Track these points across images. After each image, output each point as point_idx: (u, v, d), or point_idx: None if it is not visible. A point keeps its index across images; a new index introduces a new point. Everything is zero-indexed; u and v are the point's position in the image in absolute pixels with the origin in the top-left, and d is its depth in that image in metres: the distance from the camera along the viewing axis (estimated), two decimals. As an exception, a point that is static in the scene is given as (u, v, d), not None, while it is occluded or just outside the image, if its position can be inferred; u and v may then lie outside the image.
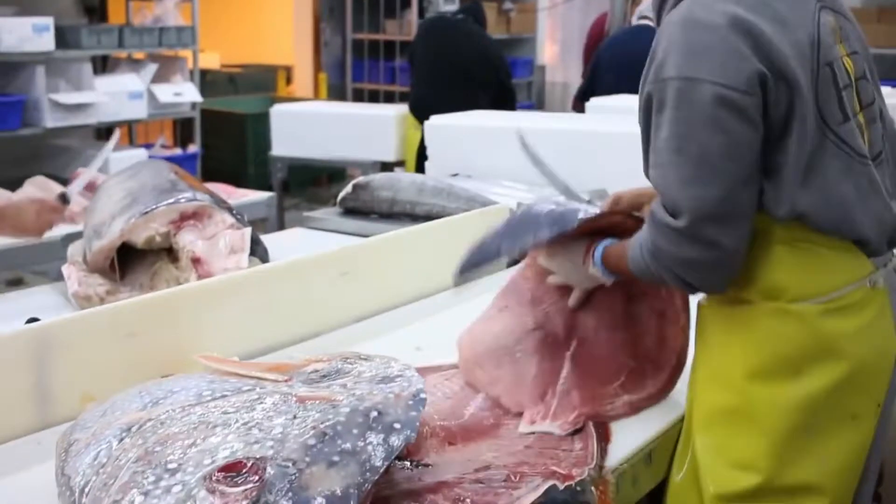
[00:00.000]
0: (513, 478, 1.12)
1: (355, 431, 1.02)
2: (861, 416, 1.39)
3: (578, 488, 1.14)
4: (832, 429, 1.38)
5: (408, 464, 1.14)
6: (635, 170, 1.86)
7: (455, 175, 3.19)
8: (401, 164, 4.75)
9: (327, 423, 1.03)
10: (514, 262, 2.14)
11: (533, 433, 1.41)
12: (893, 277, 1.42)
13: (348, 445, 1.00)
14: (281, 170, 5.01)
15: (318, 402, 1.09)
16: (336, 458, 0.98)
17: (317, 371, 1.23)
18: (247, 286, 1.78)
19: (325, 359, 1.29)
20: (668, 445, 1.47)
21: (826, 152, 1.34)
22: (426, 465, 1.14)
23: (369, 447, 1.00)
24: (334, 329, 1.89)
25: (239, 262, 1.95)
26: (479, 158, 3.20)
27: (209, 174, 5.63)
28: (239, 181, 4.22)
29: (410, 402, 1.08)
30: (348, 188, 2.84)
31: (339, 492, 0.95)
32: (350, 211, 2.85)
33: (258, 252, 2.04)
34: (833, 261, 1.37)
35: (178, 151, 6.34)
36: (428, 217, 2.62)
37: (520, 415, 1.48)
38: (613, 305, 1.74)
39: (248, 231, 2.02)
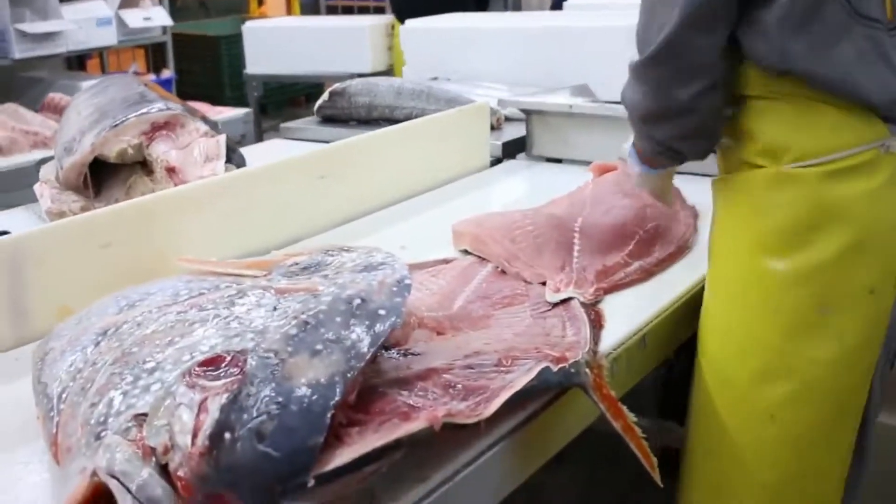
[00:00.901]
0: (504, 362, 1.08)
1: (338, 320, 0.98)
2: (879, 291, 1.33)
3: (572, 370, 1.10)
4: (849, 305, 1.32)
5: (395, 353, 1.10)
6: (615, 64, 1.83)
7: (434, 79, 3.11)
8: (379, 75, 4.65)
9: (309, 313, 0.99)
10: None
11: (531, 317, 1.37)
12: None
13: (332, 334, 0.96)
14: (256, 88, 4.91)
15: (298, 293, 1.05)
16: (319, 347, 0.94)
17: (297, 264, 1.19)
18: (224, 192, 1.72)
19: (305, 252, 1.24)
20: (663, 329, 1.44)
21: (826, 6, 1.27)
22: (415, 354, 1.10)
23: (353, 335, 0.96)
24: (316, 233, 1.84)
25: (215, 170, 1.88)
26: (458, 61, 3.13)
27: (185, 99, 5.50)
28: (216, 105, 4.13)
29: (395, 289, 1.04)
30: (325, 96, 2.78)
31: (323, 380, 0.91)
32: (328, 119, 2.79)
33: (234, 159, 1.98)
34: (837, 119, 1.30)
35: (151, 77, 6.22)
36: (408, 121, 2.56)
37: (521, 298, 1.45)
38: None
39: (222, 138, 1.95)
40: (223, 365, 0.92)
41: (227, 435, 0.86)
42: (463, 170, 2.27)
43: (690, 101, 1.35)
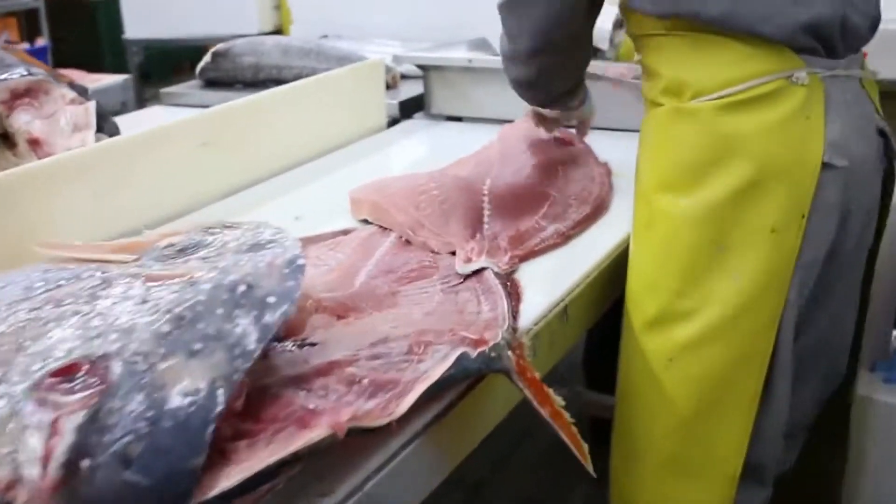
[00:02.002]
0: (416, 349, 0.95)
1: (220, 311, 0.83)
2: (781, 230, 1.24)
3: (493, 354, 0.97)
4: (748, 243, 1.24)
5: (289, 344, 0.95)
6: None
7: (324, 37, 2.94)
8: (268, 35, 4.44)
9: (185, 305, 0.83)
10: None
11: (442, 293, 1.24)
12: (846, 86, 1.27)
13: (212, 329, 0.81)
14: (137, 54, 4.64)
15: (173, 281, 0.89)
16: (198, 346, 0.79)
17: (172, 246, 1.03)
18: (94, 164, 1.54)
19: (182, 231, 1.08)
20: (585, 298, 1.32)
21: None
22: (313, 345, 0.96)
23: (238, 329, 0.81)
24: (199, 207, 1.68)
25: (84, 140, 1.70)
26: (349, 17, 2.96)
27: (62, 68, 5.21)
28: (98, 72, 3.88)
29: (286, 271, 0.89)
30: (207, 57, 2.59)
31: (203, 387, 0.76)
32: (211, 83, 2.60)
33: (106, 128, 1.79)
34: (737, 52, 1.23)
35: (25, 46, 5.87)
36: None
37: (430, 270, 1.31)
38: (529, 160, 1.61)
39: (92, 105, 1.77)
40: (80, 374, 0.76)
41: (86, 462, 0.71)
42: (358, 132, 2.12)
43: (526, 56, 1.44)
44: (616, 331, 1.41)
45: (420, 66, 2.24)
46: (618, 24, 3.12)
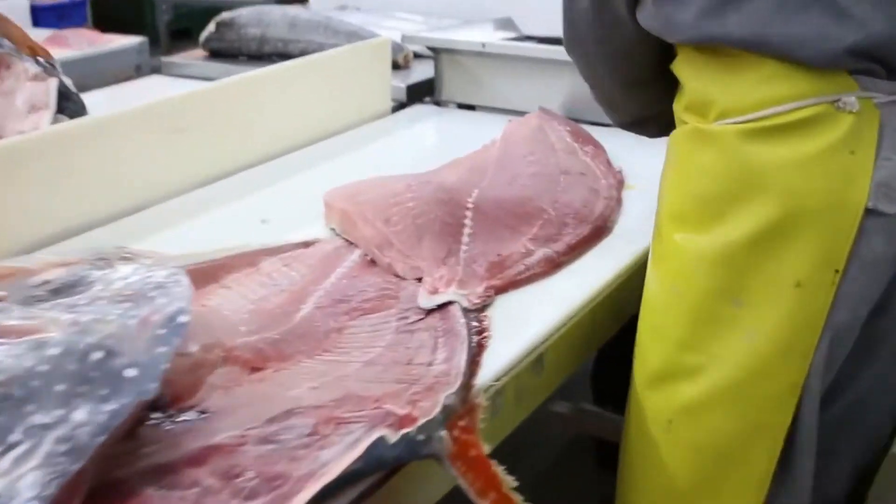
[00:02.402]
0: (323, 428, 0.78)
1: (61, 388, 0.66)
2: (808, 285, 1.02)
3: (421, 436, 0.80)
4: (767, 297, 1.04)
5: (163, 416, 0.78)
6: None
7: (343, 7, 2.76)
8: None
9: (18, 377, 0.67)
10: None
11: (391, 334, 1.06)
12: None
13: (42, 416, 0.64)
14: (167, 12, 4.50)
15: (20, 339, 0.73)
16: (17, 439, 0.63)
17: (47, 283, 0.86)
18: (43, 152, 1.38)
19: (71, 261, 0.91)
20: (565, 344, 1.14)
21: None
22: (202, 415, 0.79)
23: (76, 416, 0.65)
24: (165, 200, 1.51)
25: (39, 123, 1.55)
26: (370, -15, 2.76)
27: (103, 22, 5.08)
28: (138, 29, 3.73)
29: (161, 332, 0.73)
30: (211, 27, 2.42)
31: (26, 493, 0.60)
32: (216, 54, 2.43)
33: (69, 109, 1.63)
34: (771, 69, 1.01)
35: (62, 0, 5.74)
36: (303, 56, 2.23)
37: (388, 301, 1.14)
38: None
39: (53, 83, 1.61)
40: None
41: None
42: (358, 117, 1.94)
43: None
44: (631, 338, 1.23)
45: (431, 48, 2.05)
46: None
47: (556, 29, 2.40)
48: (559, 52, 1.90)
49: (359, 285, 1.17)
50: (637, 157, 1.56)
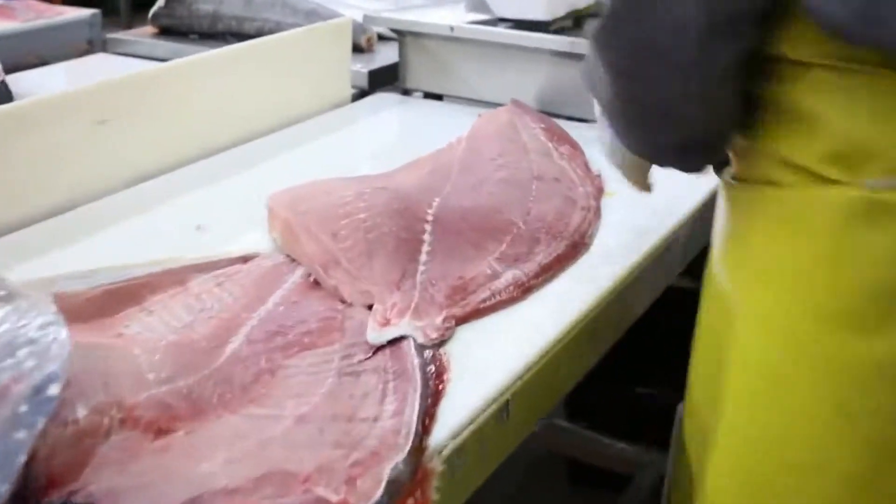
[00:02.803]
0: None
1: None
2: None
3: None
4: None
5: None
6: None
7: (305, -17, 2.58)
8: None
9: None
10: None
11: (336, 373, 0.91)
12: None
13: None
14: (127, -19, 4.30)
15: None
16: None
17: None
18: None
19: (-65, 300, 0.75)
20: (537, 387, 0.98)
21: None
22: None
23: None
24: (86, 202, 1.34)
25: (-54, 111, 1.37)
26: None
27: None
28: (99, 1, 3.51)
29: (22, 409, 0.57)
30: (160, 1, 2.23)
31: None
32: (165, 31, 2.25)
33: (-12, 94, 1.47)
34: None
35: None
36: (259, 36, 2.03)
37: (332, 334, 0.98)
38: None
39: (-33, 64, 1.44)
40: None
41: None
42: (315, 106, 1.77)
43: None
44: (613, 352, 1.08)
45: (395, 31, 1.89)
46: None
47: (532, 12, 2.25)
48: (535, 38, 1.77)
49: (299, 313, 1.01)
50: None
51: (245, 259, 1.14)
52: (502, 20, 2.10)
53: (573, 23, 2.70)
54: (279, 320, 1.00)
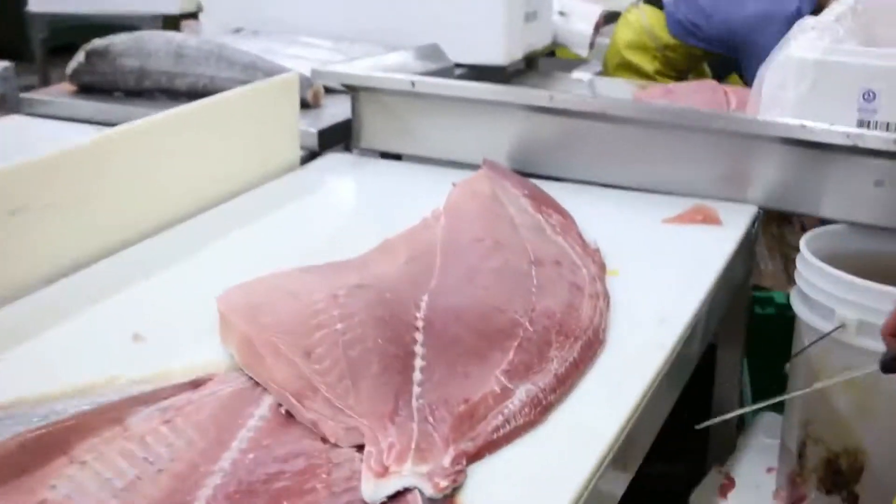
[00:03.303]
0: None
1: None
2: None
3: None
4: None
5: None
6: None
7: (238, 30, 2.37)
8: (189, 17, 3.85)
9: None
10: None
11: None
12: None
13: None
14: (42, 31, 4.04)
15: None
16: None
17: None
18: None
19: None
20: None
21: None
22: None
23: None
24: (-1, 306, 1.13)
25: None
26: (269, 6, 2.37)
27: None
28: (10, 50, 3.25)
29: None
30: (80, 56, 2.01)
31: None
32: (86, 88, 2.03)
33: None
34: None
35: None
36: (192, 93, 1.85)
37: (315, 490, 0.78)
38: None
39: None
40: None
41: None
42: (261, 173, 1.57)
43: None
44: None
45: (346, 86, 1.70)
46: (599, 26, 2.61)
47: (490, 56, 2.08)
48: (512, 92, 1.60)
49: (272, 462, 0.81)
50: (601, 222, 1.26)
51: (196, 384, 0.94)
52: (458, 65, 1.94)
53: (525, 63, 2.57)
54: (249, 474, 0.79)
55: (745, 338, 1.52)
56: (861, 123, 1.30)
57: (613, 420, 0.90)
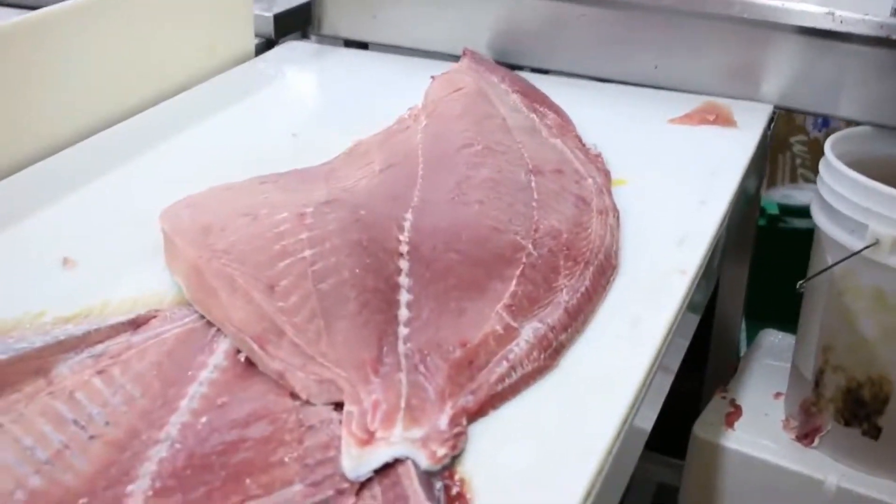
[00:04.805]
0: None
1: None
2: None
3: None
4: None
5: None
6: None
7: None
8: None
9: None
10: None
11: None
12: None
13: None
14: None
15: None
16: None
17: None
18: None
19: None
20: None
21: None
22: None
23: None
24: None
25: None
26: None
27: None
28: None
29: None
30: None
31: None
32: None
33: None
34: None
35: None
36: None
37: (284, 462, 0.64)
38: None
39: None
40: None
41: None
42: (209, 64, 1.39)
43: None
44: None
45: (304, -37, 1.50)
46: None
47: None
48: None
49: (229, 428, 0.66)
50: (599, 122, 1.12)
51: (136, 323, 0.78)
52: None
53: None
54: (201, 444, 0.64)
55: (753, 253, 1.38)
56: (895, 12, 1.14)
57: (637, 362, 0.76)
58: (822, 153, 1.12)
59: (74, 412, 0.68)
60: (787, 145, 1.85)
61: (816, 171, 1.13)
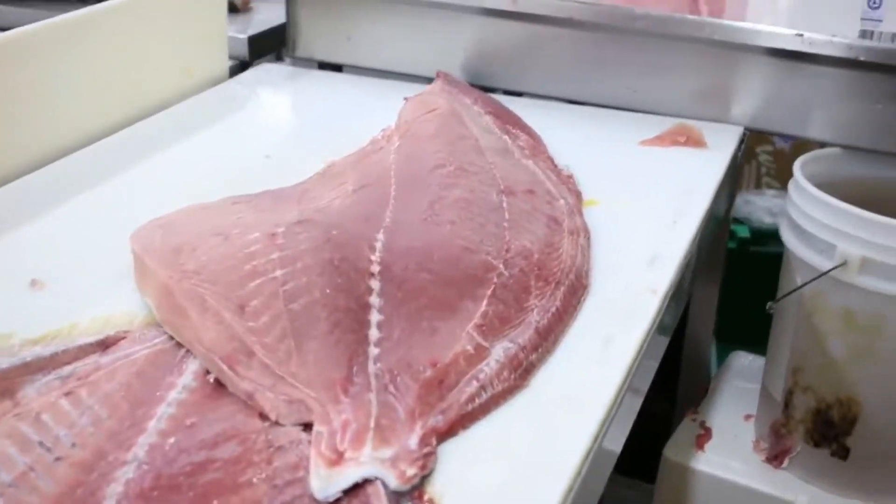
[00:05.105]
0: None
1: None
2: None
3: None
4: None
5: None
6: None
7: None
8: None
9: None
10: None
11: None
12: None
13: None
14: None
15: None
16: None
17: None
18: None
19: None
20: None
21: None
22: None
23: None
24: None
25: None
26: None
27: None
28: None
29: None
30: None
31: None
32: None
33: None
34: None
35: None
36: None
37: (251, 482, 0.63)
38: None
39: None
40: None
41: None
42: (184, 86, 1.39)
43: None
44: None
45: (280, -15, 1.51)
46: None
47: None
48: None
49: (197, 449, 0.65)
50: (570, 144, 1.12)
51: (105, 344, 0.78)
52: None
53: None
54: (169, 465, 0.64)
55: (723, 274, 1.39)
56: (864, 34, 1.16)
57: (607, 382, 0.76)
58: (787, 163, 1.13)
59: (40, 434, 0.67)
60: (754, 154, 1.87)
61: (781, 181, 1.14)
